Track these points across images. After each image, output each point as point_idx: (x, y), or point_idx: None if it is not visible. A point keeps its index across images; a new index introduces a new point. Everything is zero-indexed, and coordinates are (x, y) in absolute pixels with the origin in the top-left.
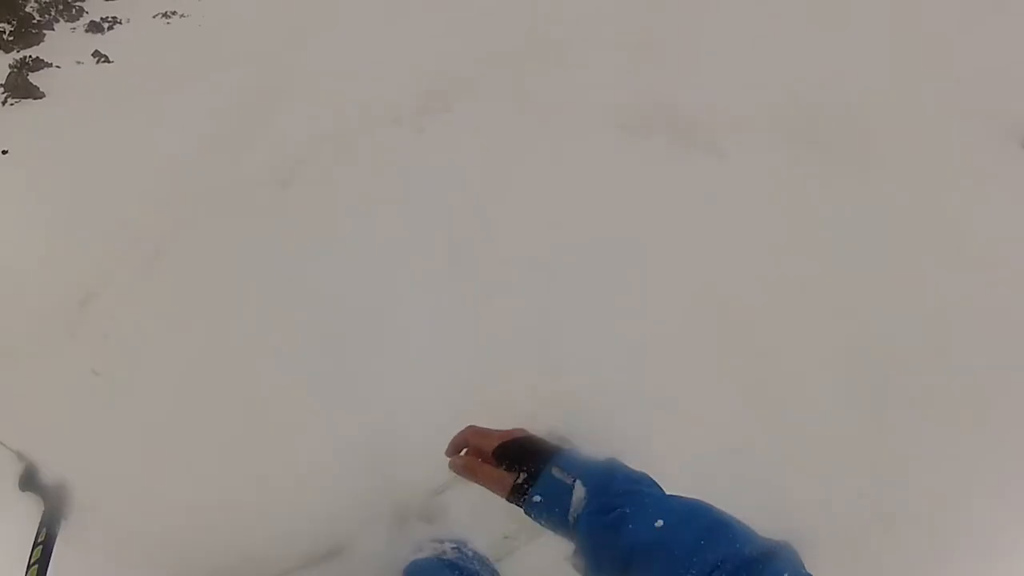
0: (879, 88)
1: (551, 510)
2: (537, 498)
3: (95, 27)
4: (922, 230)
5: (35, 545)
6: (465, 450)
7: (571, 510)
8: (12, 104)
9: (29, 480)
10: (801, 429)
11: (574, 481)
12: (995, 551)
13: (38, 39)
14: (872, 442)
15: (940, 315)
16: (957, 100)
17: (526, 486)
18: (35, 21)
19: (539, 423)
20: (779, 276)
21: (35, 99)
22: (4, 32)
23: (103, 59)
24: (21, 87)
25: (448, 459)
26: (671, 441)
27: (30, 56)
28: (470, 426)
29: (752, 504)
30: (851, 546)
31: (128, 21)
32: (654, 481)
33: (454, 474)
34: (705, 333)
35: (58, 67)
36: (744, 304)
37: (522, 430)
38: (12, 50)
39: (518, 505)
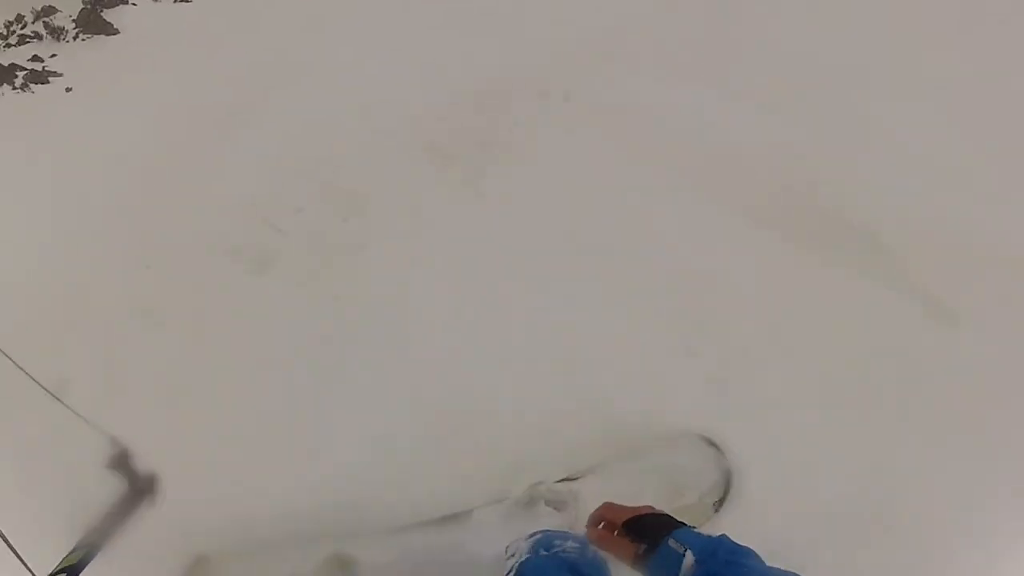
0: None
1: (665, 574)
2: (653, 564)
3: None
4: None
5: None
6: (602, 523)
7: (680, 575)
8: (84, 40)
9: (121, 462)
10: (804, 429)
11: (685, 551)
12: (995, 550)
13: None
14: (873, 442)
15: (943, 315)
16: None
17: (647, 555)
18: None
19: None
20: (780, 276)
21: (108, 35)
22: None
23: None
24: (94, 23)
25: (586, 529)
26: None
27: None
28: (606, 503)
29: (758, 505)
30: (852, 546)
31: None
32: (756, 554)
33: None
34: (710, 336)
35: (134, 4)
36: (748, 304)
37: (649, 507)
38: None
39: (639, 570)
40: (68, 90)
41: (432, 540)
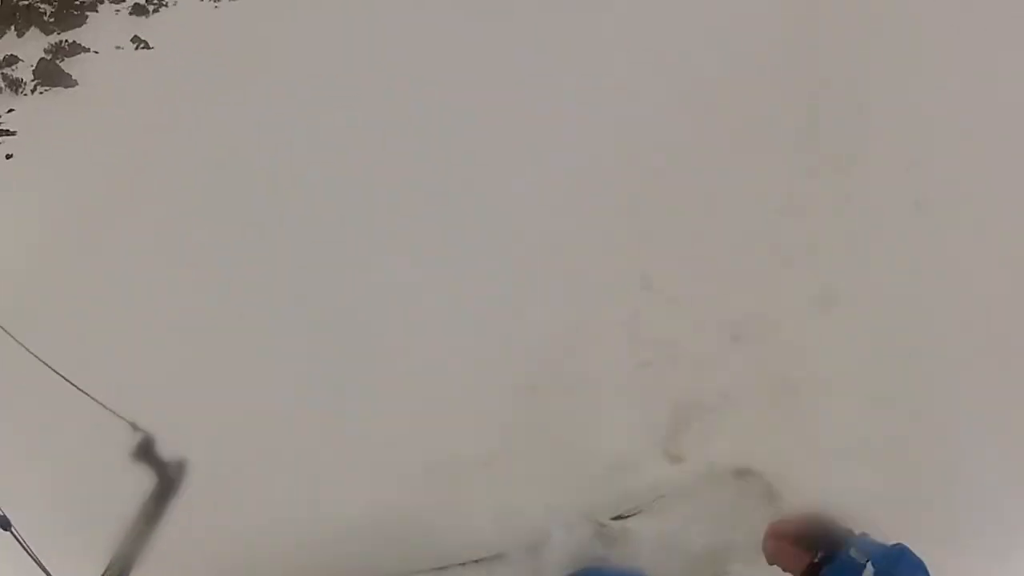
0: None
1: None
2: (832, 573)
3: (139, 9)
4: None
5: None
6: (775, 538)
7: None
8: (42, 93)
9: (144, 451)
10: (813, 431)
11: (867, 562)
12: (996, 550)
13: (80, 20)
14: (883, 438)
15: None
16: None
17: (822, 564)
18: (79, 1)
19: None
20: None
21: (66, 87)
22: (45, 13)
23: (143, 45)
24: (53, 74)
25: (764, 543)
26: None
27: (66, 40)
28: (771, 522)
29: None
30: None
31: (175, 3)
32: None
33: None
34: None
35: (96, 52)
36: (775, 304)
37: (814, 515)
38: (52, 32)
39: None
40: (8, 157)
41: None
